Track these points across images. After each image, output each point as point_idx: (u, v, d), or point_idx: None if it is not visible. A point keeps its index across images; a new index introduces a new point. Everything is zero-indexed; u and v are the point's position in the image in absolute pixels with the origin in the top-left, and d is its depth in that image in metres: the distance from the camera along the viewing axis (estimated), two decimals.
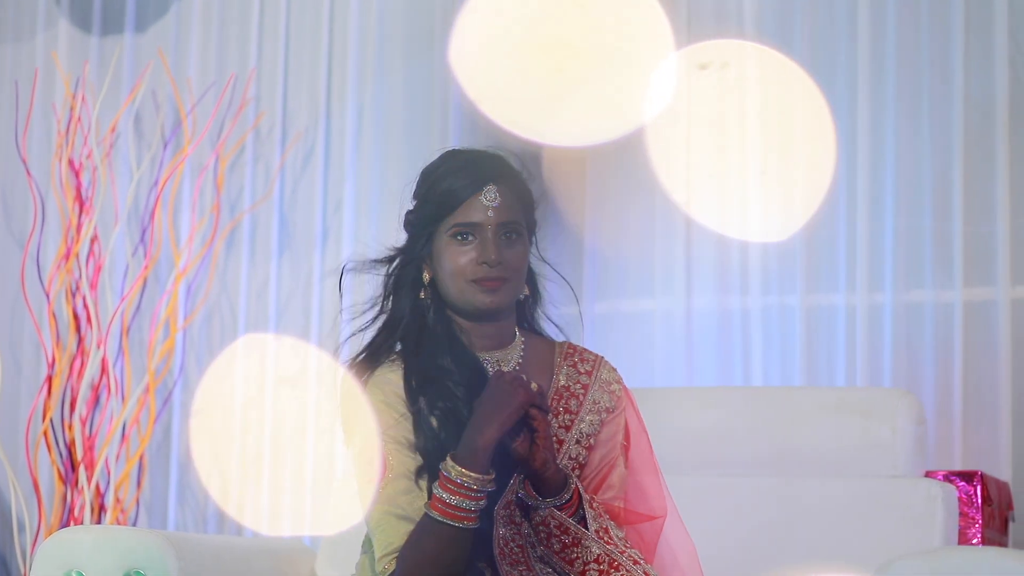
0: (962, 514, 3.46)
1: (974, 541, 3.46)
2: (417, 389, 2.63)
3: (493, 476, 2.52)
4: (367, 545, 2.69)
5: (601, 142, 2.63)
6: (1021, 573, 2.60)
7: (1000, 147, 3.94)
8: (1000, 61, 3.95)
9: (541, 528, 2.56)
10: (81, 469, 4.46)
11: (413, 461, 2.60)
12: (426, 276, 2.68)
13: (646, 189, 4.17)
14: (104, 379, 4.54)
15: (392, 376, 2.64)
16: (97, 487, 4.46)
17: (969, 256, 3.96)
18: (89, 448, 4.49)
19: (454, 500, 2.50)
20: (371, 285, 2.75)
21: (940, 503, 3.25)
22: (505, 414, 2.50)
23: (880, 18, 4.06)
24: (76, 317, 4.57)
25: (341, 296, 2.76)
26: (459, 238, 2.63)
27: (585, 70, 3.34)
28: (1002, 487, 3.68)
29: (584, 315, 4.16)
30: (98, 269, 4.58)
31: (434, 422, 2.61)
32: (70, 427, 4.51)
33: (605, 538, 2.56)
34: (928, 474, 3.45)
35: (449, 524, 2.51)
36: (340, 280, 2.75)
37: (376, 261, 2.73)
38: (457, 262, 2.62)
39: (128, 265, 4.62)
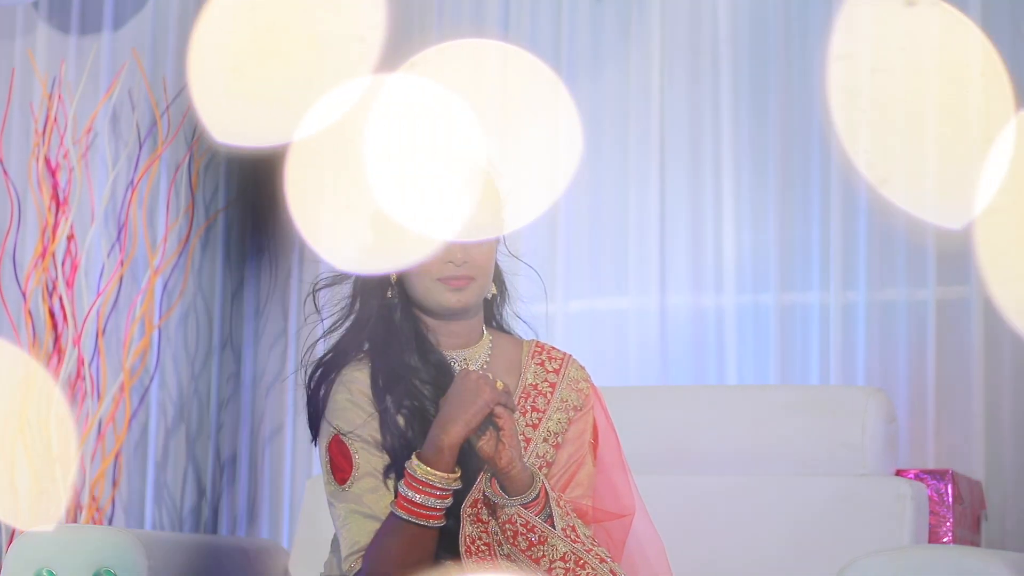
0: (933, 513, 3.45)
1: (945, 540, 3.45)
2: (384, 388, 2.63)
3: (459, 474, 2.52)
4: (335, 544, 2.69)
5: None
6: (982, 572, 2.61)
7: (975, 145, 3.94)
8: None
9: (508, 526, 2.56)
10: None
11: (380, 460, 2.60)
12: (393, 275, 2.68)
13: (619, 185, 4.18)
14: (80, 377, 4.53)
15: (359, 375, 2.65)
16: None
17: (942, 255, 3.96)
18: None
19: (419, 499, 2.51)
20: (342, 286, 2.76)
21: (909, 501, 3.25)
22: (470, 413, 2.50)
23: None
24: (52, 315, 4.56)
25: (319, 313, 2.76)
26: None
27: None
28: (974, 486, 3.68)
29: (558, 313, 4.16)
30: (74, 268, 4.57)
31: (401, 421, 2.61)
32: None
33: (572, 536, 2.56)
34: (899, 473, 3.45)
35: (415, 523, 2.52)
36: (314, 297, 2.75)
37: (345, 273, 2.74)
38: (423, 260, 2.63)
39: (104, 264, 4.61)
